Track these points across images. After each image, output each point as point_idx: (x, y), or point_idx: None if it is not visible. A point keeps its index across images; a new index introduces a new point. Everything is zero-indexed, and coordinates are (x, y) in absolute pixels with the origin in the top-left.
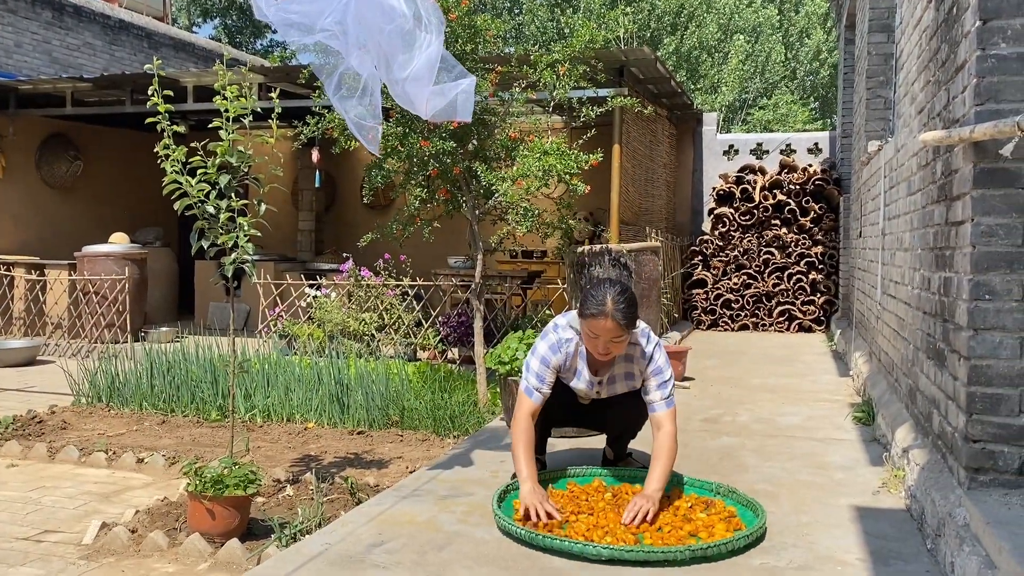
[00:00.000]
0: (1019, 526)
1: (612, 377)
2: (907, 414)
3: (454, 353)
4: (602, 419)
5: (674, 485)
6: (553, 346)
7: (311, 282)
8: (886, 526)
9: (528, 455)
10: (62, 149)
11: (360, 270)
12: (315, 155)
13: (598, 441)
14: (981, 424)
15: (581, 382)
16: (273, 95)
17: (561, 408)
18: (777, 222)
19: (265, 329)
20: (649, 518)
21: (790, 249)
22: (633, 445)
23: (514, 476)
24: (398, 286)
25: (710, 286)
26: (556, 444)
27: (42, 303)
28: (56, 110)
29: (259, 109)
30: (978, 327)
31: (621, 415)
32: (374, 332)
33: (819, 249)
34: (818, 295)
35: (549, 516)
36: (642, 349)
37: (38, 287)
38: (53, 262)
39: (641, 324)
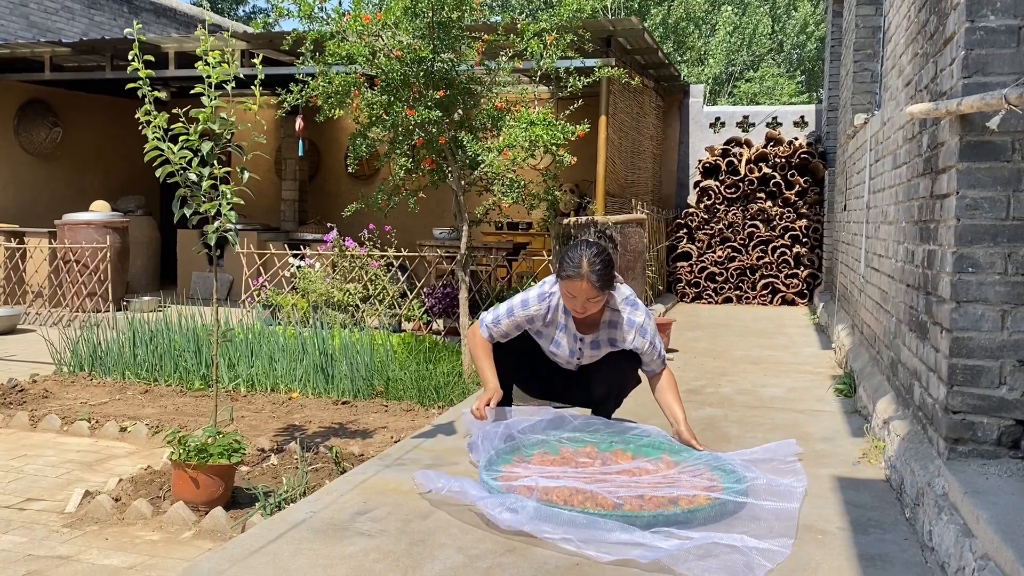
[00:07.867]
0: (997, 496)
1: (596, 341)
2: (888, 386)
3: (439, 324)
4: (586, 381)
5: (664, 452)
6: (540, 295)
7: (295, 252)
8: (866, 496)
9: (491, 363)
10: (41, 115)
11: (344, 240)
12: (299, 124)
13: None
14: (962, 395)
15: (565, 336)
16: (256, 62)
17: (541, 376)
18: (762, 195)
19: (248, 299)
20: (697, 444)
21: (775, 222)
22: (620, 414)
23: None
24: (383, 257)
25: (695, 259)
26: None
27: (22, 271)
28: (34, 75)
29: (242, 76)
30: (961, 299)
31: (607, 375)
32: (358, 303)
33: (803, 223)
34: (802, 268)
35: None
36: (627, 318)
37: (18, 255)
38: (33, 230)
39: (626, 291)
